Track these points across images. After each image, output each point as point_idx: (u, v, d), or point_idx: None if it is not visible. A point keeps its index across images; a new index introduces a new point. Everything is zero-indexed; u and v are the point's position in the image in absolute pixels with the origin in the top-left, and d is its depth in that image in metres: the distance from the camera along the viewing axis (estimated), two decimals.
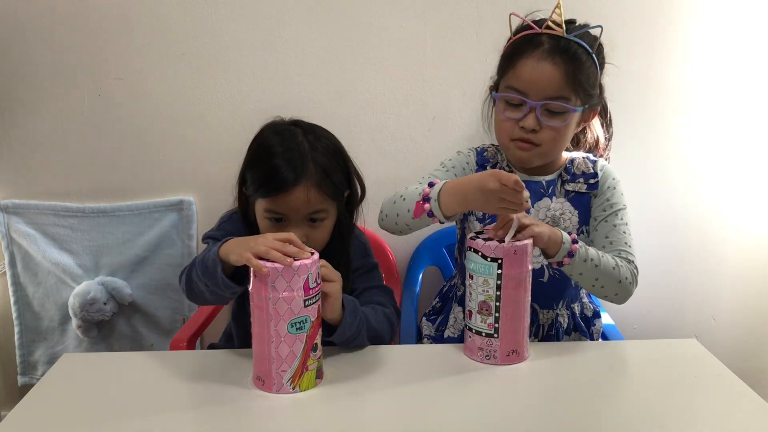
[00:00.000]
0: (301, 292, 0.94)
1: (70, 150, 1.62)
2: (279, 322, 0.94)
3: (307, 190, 1.14)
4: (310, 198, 1.14)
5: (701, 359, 1.10)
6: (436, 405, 0.96)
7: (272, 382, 0.97)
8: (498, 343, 1.06)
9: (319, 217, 1.18)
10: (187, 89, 1.59)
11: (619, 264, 1.17)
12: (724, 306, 1.74)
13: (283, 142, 1.18)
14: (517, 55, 1.19)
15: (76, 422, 0.91)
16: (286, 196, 1.13)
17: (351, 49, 1.57)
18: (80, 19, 1.55)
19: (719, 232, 1.70)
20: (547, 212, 1.26)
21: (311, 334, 0.97)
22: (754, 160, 1.66)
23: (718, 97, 1.62)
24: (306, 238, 1.14)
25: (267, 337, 0.95)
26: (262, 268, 0.93)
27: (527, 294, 1.07)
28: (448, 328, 1.33)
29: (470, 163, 1.31)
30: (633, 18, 1.56)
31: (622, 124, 1.61)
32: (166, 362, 1.09)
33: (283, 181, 1.13)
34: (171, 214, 1.65)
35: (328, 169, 1.18)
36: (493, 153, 1.32)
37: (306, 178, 1.14)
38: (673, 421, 0.92)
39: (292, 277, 0.93)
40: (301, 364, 0.97)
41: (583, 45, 1.18)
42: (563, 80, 1.16)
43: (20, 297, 1.68)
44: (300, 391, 0.97)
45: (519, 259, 1.04)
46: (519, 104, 1.20)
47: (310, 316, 0.96)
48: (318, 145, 1.19)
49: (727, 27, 1.57)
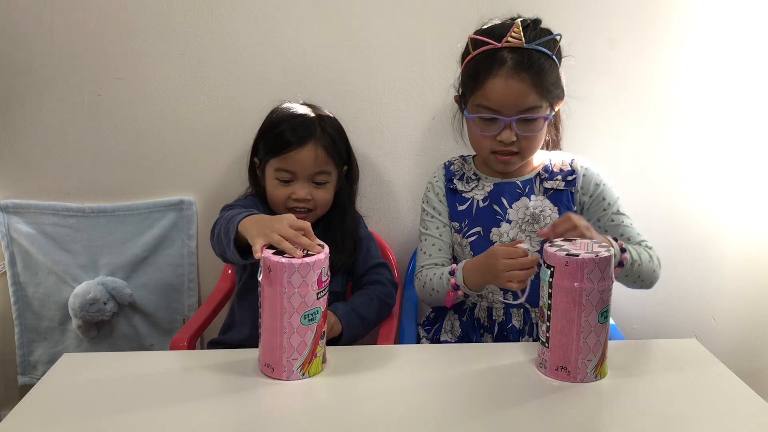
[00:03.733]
0: (315, 286, 0.97)
1: (70, 150, 1.62)
2: (293, 315, 0.97)
3: (315, 148, 1.32)
4: (317, 156, 1.33)
5: (701, 359, 1.10)
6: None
7: (282, 370, 0.99)
8: (548, 353, 1.03)
9: (323, 180, 1.35)
10: (187, 89, 1.59)
11: (651, 255, 1.25)
12: (724, 306, 1.74)
13: (293, 111, 1.38)
14: (483, 75, 1.21)
15: (76, 422, 0.91)
16: (296, 153, 1.31)
17: (351, 49, 1.57)
18: (80, 19, 1.55)
19: (719, 232, 1.70)
20: (525, 210, 1.30)
21: (321, 324, 1.00)
22: (753, 160, 1.66)
23: (718, 96, 1.62)
24: (310, 197, 1.33)
25: (279, 328, 0.98)
26: (258, 257, 0.98)
27: (584, 313, 0.98)
28: (445, 333, 1.34)
29: (441, 188, 1.36)
30: (630, 16, 1.56)
31: (622, 124, 1.62)
32: (166, 362, 1.09)
33: (295, 138, 1.32)
34: (171, 214, 1.65)
35: (334, 136, 1.36)
36: (460, 165, 1.38)
37: (315, 138, 1.33)
38: (673, 421, 0.92)
39: (307, 273, 0.96)
40: (311, 353, 0.99)
41: (544, 51, 1.20)
42: (532, 92, 1.20)
43: (20, 297, 1.68)
44: (309, 376, 1.00)
45: (571, 273, 0.98)
46: (492, 119, 1.23)
47: (321, 307, 0.99)
48: (325, 118, 1.39)
49: (726, 22, 1.57)
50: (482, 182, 1.33)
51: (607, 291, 1.00)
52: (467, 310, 1.33)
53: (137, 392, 0.99)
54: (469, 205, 1.32)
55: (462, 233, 1.32)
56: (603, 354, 1.01)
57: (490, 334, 1.31)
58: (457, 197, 1.34)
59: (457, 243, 1.34)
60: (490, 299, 1.30)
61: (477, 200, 1.32)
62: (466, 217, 1.32)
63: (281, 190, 1.34)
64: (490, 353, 1.13)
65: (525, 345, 1.14)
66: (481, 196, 1.32)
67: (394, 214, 1.66)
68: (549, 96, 1.23)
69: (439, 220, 1.34)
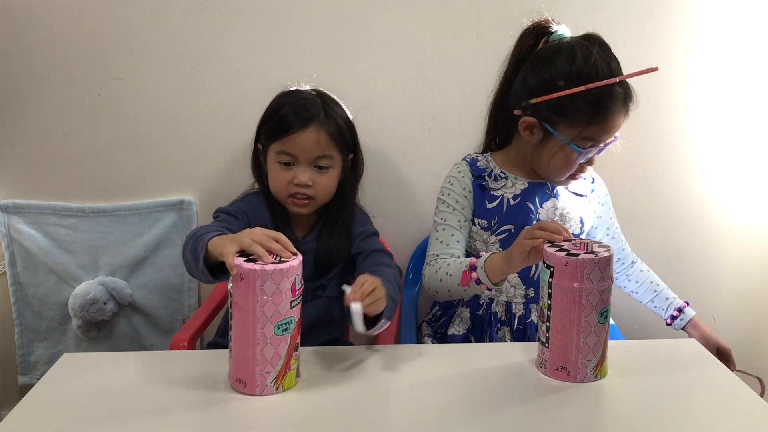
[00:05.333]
0: (288, 294, 0.94)
1: (70, 150, 1.62)
2: (266, 324, 0.94)
3: (318, 131, 1.26)
4: (320, 139, 1.26)
5: (701, 359, 1.11)
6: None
7: (255, 384, 0.96)
8: (548, 353, 1.03)
9: (326, 164, 1.29)
10: (187, 89, 1.59)
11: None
12: (724, 306, 1.74)
13: (296, 95, 1.33)
14: (605, 110, 1.25)
15: (76, 422, 0.91)
16: (298, 135, 1.25)
17: (351, 49, 1.57)
18: (80, 19, 1.55)
19: (719, 232, 1.70)
20: (554, 211, 1.32)
21: (294, 335, 0.97)
22: (754, 159, 1.66)
23: (718, 96, 1.62)
24: (312, 182, 1.27)
25: (252, 339, 0.95)
26: (233, 268, 0.94)
27: (584, 313, 0.99)
28: (452, 326, 1.34)
29: (468, 184, 1.33)
30: (633, 14, 1.56)
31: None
32: (166, 362, 1.09)
33: (297, 120, 1.26)
34: (171, 214, 1.65)
35: (338, 121, 1.30)
36: (485, 162, 1.35)
37: (318, 121, 1.27)
38: (673, 421, 0.92)
39: (281, 280, 0.93)
40: (284, 365, 0.97)
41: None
42: None
43: (20, 297, 1.68)
44: (283, 390, 0.97)
45: (570, 273, 0.98)
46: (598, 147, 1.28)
47: (294, 317, 0.96)
48: (330, 102, 1.32)
49: (729, 23, 1.57)
50: (512, 180, 1.32)
51: (607, 291, 1.00)
52: (483, 304, 1.33)
53: (137, 393, 0.99)
54: (499, 203, 1.31)
55: (491, 231, 1.31)
56: (603, 354, 1.01)
57: (508, 327, 1.31)
58: (486, 194, 1.32)
59: (482, 240, 1.32)
60: (510, 294, 1.31)
61: (507, 198, 1.31)
62: (496, 215, 1.30)
63: (282, 174, 1.28)
64: (490, 353, 1.13)
65: (525, 345, 1.14)
66: (512, 194, 1.31)
67: (394, 214, 1.66)
68: None
69: (461, 213, 1.31)
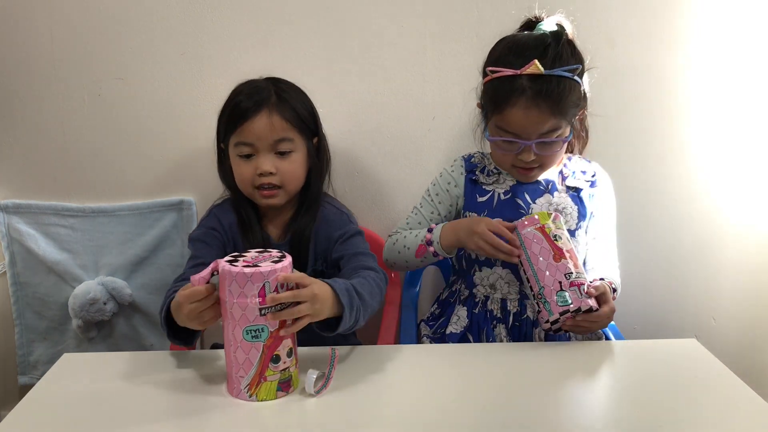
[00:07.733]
0: (255, 299, 0.92)
1: (70, 150, 1.62)
2: (235, 327, 0.94)
3: (269, 114, 1.23)
4: (273, 122, 1.23)
5: (701, 359, 1.11)
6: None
7: (233, 386, 0.97)
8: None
9: (286, 149, 1.25)
10: (187, 89, 1.59)
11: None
12: (724, 306, 1.74)
13: (249, 84, 1.29)
14: (503, 102, 1.21)
15: (76, 422, 0.91)
16: (250, 123, 1.23)
17: (351, 49, 1.57)
18: (80, 19, 1.55)
19: (719, 233, 1.69)
20: (549, 206, 1.32)
21: (269, 345, 0.94)
22: (754, 160, 1.66)
23: (718, 96, 1.61)
24: (275, 169, 1.24)
25: (228, 340, 0.96)
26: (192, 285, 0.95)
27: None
28: (451, 325, 1.34)
29: (456, 178, 1.37)
30: (634, 14, 1.56)
31: (622, 124, 1.61)
32: (166, 362, 1.09)
33: (246, 108, 1.23)
34: (171, 214, 1.65)
35: (293, 103, 1.26)
36: (480, 159, 1.39)
37: (268, 105, 1.23)
38: (673, 421, 0.92)
39: (245, 284, 0.92)
40: (257, 374, 0.95)
41: (566, 75, 1.19)
42: (552, 117, 1.20)
43: (20, 297, 1.68)
44: (257, 400, 0.96)
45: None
46: (512, 141, 1.24)
47: (267, 326, 0.94)
48: (281, 84, 1.29)
49: (729, 24, 1.57)
50: (503, 176, 1.35)
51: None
52: (479, 302, 1.34)
53: (137, 393, 0.99)
54: (490, 197, 1.33)
55: None
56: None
57: (504, 324, 1.31)
58: (478, 188, 1.35)
59: None
60: (504, 291, 1.31)
61: (498, 193, 1.33)
62: (486, 209, 1.33)
63: (244, 166, 1.25)
64: (489, 353, 1.13)
65: (525, 345, 1.15)
66: (503, 189, 1.34)
67: (393, 215, 1.66)
68: (568, 115, 1.23)
69: (436, 207, 1.37)
